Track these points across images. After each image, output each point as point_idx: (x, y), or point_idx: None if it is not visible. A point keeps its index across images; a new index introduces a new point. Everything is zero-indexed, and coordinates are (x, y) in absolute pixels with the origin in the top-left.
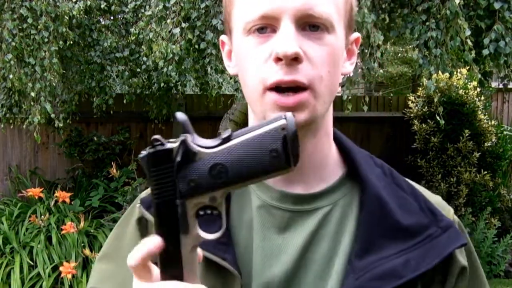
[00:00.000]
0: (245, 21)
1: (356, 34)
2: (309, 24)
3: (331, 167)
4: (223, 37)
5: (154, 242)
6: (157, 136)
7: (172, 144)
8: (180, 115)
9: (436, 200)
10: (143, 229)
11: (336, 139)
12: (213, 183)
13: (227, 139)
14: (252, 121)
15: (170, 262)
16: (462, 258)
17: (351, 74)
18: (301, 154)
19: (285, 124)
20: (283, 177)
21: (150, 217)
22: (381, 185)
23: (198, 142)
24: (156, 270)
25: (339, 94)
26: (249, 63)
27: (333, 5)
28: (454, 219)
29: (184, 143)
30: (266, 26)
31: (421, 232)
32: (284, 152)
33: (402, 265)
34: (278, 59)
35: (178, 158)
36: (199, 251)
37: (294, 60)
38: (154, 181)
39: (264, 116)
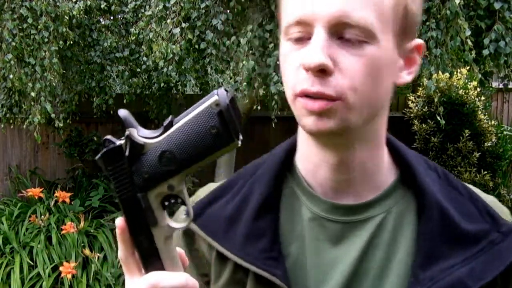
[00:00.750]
0: (285, 25)
1: (418, 41)
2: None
3: (383, 173)
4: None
5: (117, 225)
6: (108, 136)
7: (122, 141)
8: (121, 112)
9: (491, 200)
10: (189, 241)
11: (386, 141)
12: (166, 171)
13: (169, 125)
14: (300, 130)
15: (148, 257)
16: None
17: None
18: (350, 165)
19: (217, 100)
20: (332, 189)
21: (197, 229)
22: (437, 189)
23: (143, 134)
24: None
25: None
26: (286, 67)
27: (375, 12)
28: None
29: (128, 137)
30: (302, 31)
31: (483, 239)
32: (223, 128)
33: (467, 275)
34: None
35: (127, 153)
36: (180, 250)
37: (321, 72)
38: (113, 180)
39: (299, 121)
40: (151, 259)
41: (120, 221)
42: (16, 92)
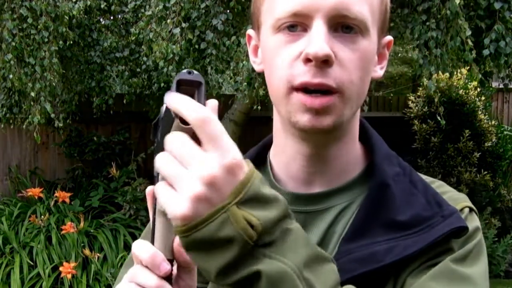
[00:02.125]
0: (275, 17)
1: (388, 38)
2: (343, 25)
3: (353, 166)
4: (250, 32)
5: (148, 191)
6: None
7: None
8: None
9: (452, 195)
10: None
11: (363, 134)
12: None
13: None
14: (277, 123)
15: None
16: (456, 242)
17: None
18: (326, 158)
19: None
20: (304, 181)
21: None
22: (394, 181)
23: None
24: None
25: None
26: (277, 61)
27: (368, 6)
28: (468, 210)
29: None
30: (297, 24)
31: (420, 224)
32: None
33: (384, 251)
34: (307, 60)
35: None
36: None
37: (324, 63)
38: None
39: (290, 117)
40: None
41: (149, 189)
42: (16, 92)
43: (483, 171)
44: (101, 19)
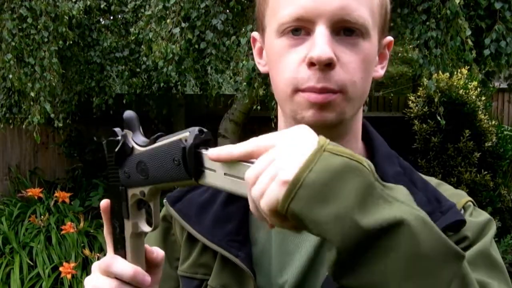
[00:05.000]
0: (279, 22)
1: (389, 38)
2: (344, 29)
3: None
4: (254, 34)
5: (102, 204)
6: (115, 129)
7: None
8: (127, 113)
9: (452, 192)
10: (166, 226)
11: (365, 134)
12: (140, 178)
13: (154, 140)
14: (281, 122)
15: (117, 242)
16: (470, 231)
17: None
18: None
19: (186, 136)
20: None
21: (174, 213)
22: (395, 180)
23: (136, 139)
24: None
25: None
26: (282, 64)
27: (369, 10)
28: (469, 206)
29: (124, 137)
30: (300, 28)
31: None
32: (183, 163)
33: None
34: (311, 64)
35: (116, 149)
36: (160, 252)
37: (327, 66)
38: (108, 166)
39: (295, 116)
40: (118, 245)
41: (104, 202)
42: (16, 92)
43: (483, 171)
44: (101, 19)
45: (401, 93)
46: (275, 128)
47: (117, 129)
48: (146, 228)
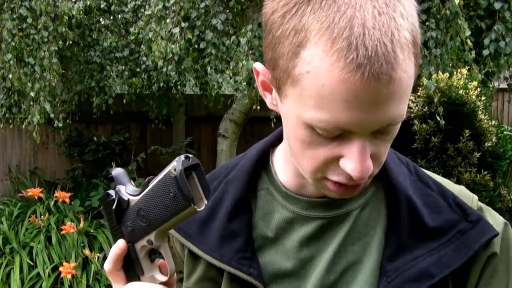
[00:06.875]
0: (309, 122)
1: None
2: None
3: None
4: (257, 66)
5: (118, 246)
6: (109, 191)
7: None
8: (115, 170)
9: (459, 190)
10: None
11: None
12: (143, 226)
13: (146, 185)
14: (285, 156)
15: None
16: (493, 246)
17: None
18: None
19: (174, 165)
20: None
21: (173, 232)
22: (407, 184)
23: (129, 191)
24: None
25: None
26: (308, 152)
27: (406, 98)
28: (481, 207)
29: (117, 193)
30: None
31: (451, 229)
32: (180, 193)
33: (433, 264)
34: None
35: (113, 207)
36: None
37: None
38: (110, 229)
39: (320, 188)
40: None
41: (122, 244)
42: (16, 92)
43: (483, 171)
44: (101, 19)
45: None
46: (274, 128)
47: (109, 191)
48: (162, 278)
